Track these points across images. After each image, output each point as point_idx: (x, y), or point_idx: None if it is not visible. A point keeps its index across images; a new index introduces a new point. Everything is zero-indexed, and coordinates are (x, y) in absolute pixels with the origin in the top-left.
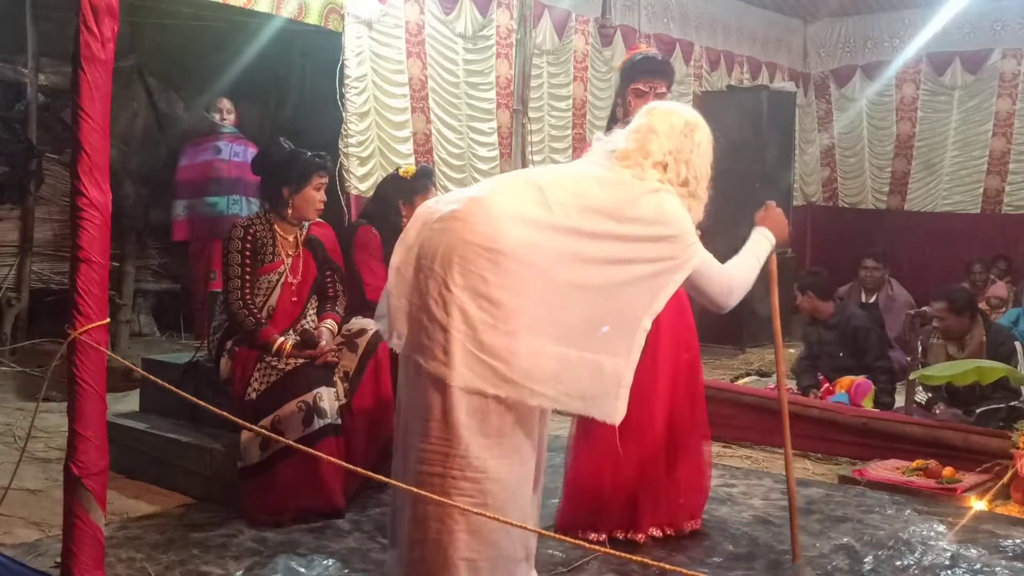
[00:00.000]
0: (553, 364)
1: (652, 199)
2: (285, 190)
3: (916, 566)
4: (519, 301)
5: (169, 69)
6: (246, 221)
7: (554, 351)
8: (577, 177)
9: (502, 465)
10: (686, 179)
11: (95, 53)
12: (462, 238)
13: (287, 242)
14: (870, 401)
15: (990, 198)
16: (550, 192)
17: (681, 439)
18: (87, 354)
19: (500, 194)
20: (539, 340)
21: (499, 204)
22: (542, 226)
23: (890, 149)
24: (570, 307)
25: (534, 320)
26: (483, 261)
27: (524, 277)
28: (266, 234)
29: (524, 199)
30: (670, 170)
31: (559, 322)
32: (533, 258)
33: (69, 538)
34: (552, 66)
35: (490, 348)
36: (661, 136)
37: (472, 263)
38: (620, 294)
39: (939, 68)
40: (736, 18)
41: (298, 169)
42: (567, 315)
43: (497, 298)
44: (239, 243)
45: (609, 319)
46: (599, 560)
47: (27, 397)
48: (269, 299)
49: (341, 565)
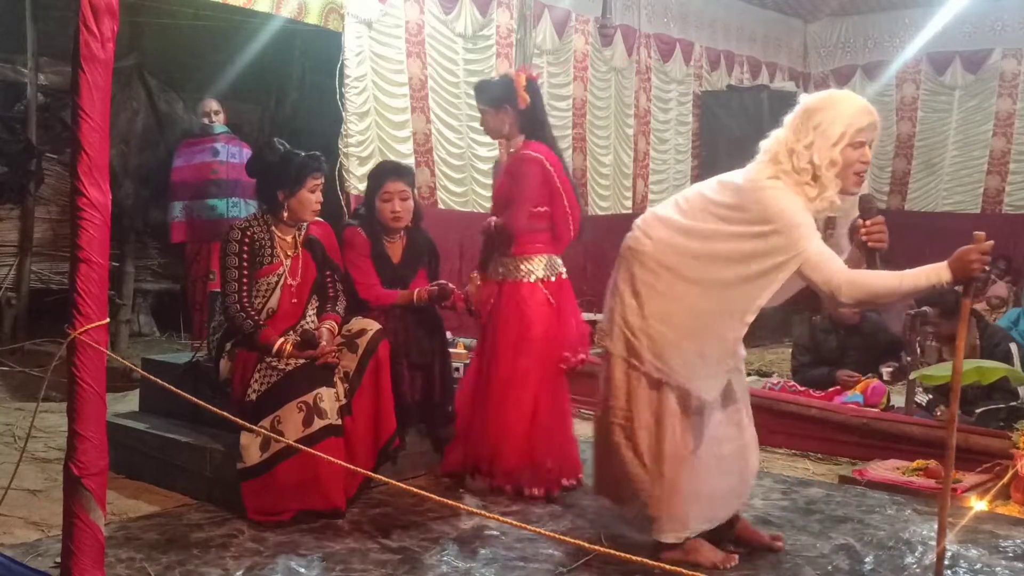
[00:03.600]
0: (669, 346)
1: (755, 196)
2: (280, 193)
3: (916, 566)
4: (652, 293)
5: (169, 69)
6: (243, 223)
7: (672, 336)
8: (714, 181)
9: (638, 414)
10: (802, 167)
11: (95, 53)
12: (625, 243)
13: (285, 243)
14: (884, 404)
15: (990, 198)
16: (689, 196)
17: (545, 417)
18: (87, 354)
19: (664, 202)
20: (663, 327)
21: (652, 211)
22: (676, 228)
23: (890, 149)
24: (688, 300)
25: (662, 310)
26: (634, 261)
27: (658, 274)
28: (264, 236)
29: (671, 204)
30: (782, 161)
31: (680, 312)
32: (665, 257)
33: (69, 538)
34: (552, 66)
35: (631, 328)
36: (785, 128)
37: (627, 262)
38: (731, 291)
39: (939, 68)
40: (736, 18)
41: (292, 171)
42: (684, 306)
43: (639, 291)
44: (236, 245)
45: (716, 313)
46: (599, 560)
47: (27, 397)
48: (269, 301)
49: (341, 565)
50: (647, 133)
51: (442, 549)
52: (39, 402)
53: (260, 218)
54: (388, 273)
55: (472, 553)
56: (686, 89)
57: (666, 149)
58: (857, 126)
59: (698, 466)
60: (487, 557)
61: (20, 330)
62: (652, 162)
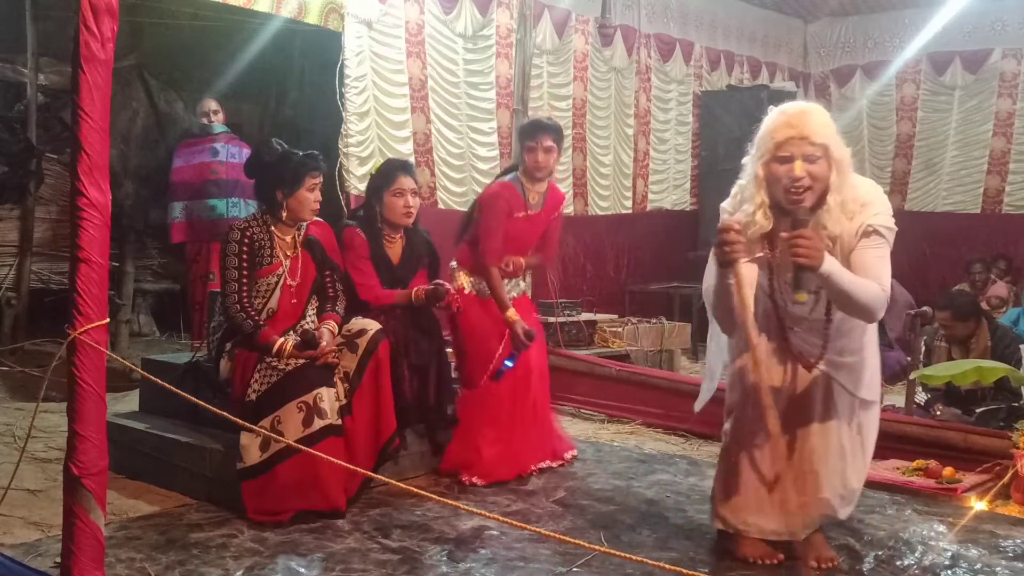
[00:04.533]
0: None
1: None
2: (279, 193)
3: (916, 566)
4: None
5: (169, 69)
6: (243, 223)
7: (712, 358)
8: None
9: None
10: (742, 183)
11: (95, 53)
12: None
13: (285, 243)
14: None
15: (990, 198)
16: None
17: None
18: (87, 354)
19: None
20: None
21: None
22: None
23: (890, 149)
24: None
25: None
26: None
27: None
28: (263, 236)
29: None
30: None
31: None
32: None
33: (69, 538)
34: (552, 66)
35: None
36: None
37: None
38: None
39: (939, 68)
40: (736, 18)
41: (290, 171)
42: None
43: None
44: (236, 246)
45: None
46: (599, 560)
47: (27, 397)
48: (269, 301)
49: (341, 565)
50: (647, 133)
51: (442, 549)
52: (39, 402)
53: (259, 218)
54: (387, 274)
55: (472, 553)
56: (686, 89)
57: (666, 149)
58: (776, 139)
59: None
60: (487, 557)
61: (20, 330)
62: (652, 162)
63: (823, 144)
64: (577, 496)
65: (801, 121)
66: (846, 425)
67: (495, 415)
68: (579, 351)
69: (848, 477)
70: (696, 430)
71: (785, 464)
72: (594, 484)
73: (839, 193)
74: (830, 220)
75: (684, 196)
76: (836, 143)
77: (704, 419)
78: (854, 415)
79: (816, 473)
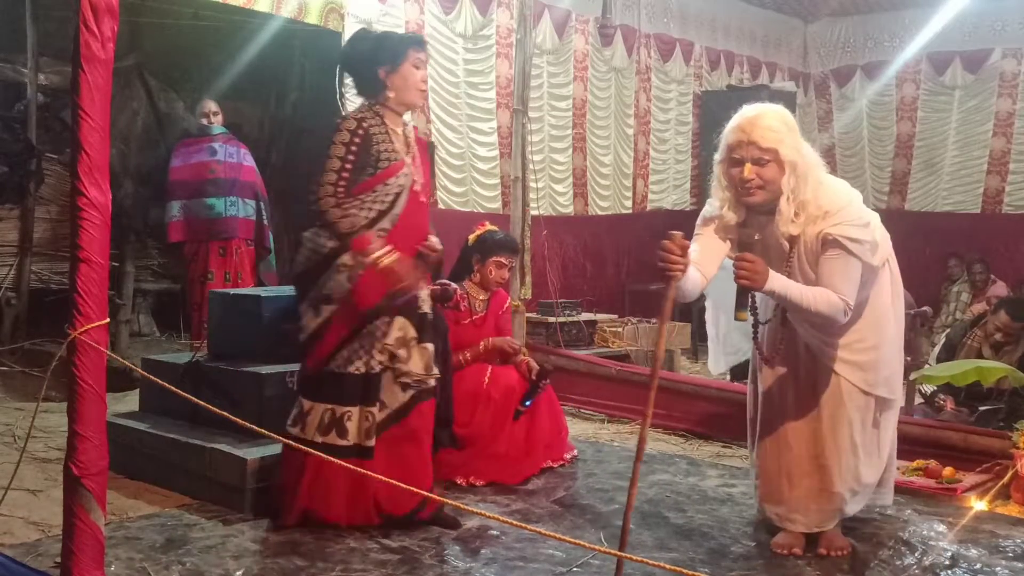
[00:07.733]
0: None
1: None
2: (380, 71)
3: (916, 566)
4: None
5: (169, 69)
6: (358, 114)
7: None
8: None
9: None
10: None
11: (95, 53)
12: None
13: (399, 137)
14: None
15: (990, 198)
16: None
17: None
18: (87, 354)
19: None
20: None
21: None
22: None
23: (890, 149)
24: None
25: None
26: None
27: None
28: (379, 128)
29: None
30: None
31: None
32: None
33: (69, 538)
34: (552, 66)
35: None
36: None
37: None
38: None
39: (939, 68)
40: (736, 18)
41: (390, 46)
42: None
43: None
44: (348, 135)
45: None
46: (599, 560)
47: (27, 397)
48: (394, 208)
49: (341, 565)
50: (647, 133)
51: (442, 549)
52: (39, 402)
53: (370, 109)
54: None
55: (472, 553)
56: (686, 89)
57: (666, 149)
58: (728, 143)
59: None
60: (487, 557)
61: (20, 330)
62: (652, 162)
63: (771, 148)
64: (577, 496)
65: (750, 126)
66: (859, 422)
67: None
68: (579, 351)
69: (861, 473)
70: (696, 430)
71: (796, 458)
72: (594, 484)
73: (797, 195)
74: (782, 221)
75: (684, 196)
76: (789, 146)
77: (704, 419)
78: (869, 412)
79: (828, 468)
